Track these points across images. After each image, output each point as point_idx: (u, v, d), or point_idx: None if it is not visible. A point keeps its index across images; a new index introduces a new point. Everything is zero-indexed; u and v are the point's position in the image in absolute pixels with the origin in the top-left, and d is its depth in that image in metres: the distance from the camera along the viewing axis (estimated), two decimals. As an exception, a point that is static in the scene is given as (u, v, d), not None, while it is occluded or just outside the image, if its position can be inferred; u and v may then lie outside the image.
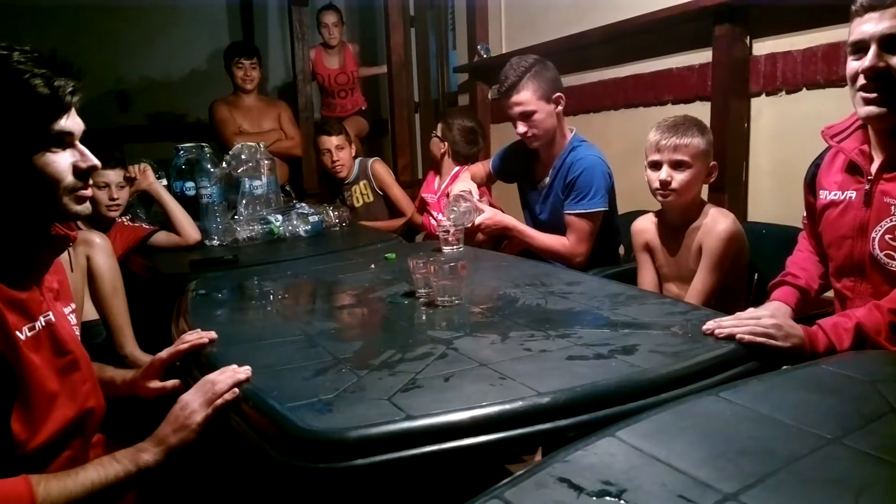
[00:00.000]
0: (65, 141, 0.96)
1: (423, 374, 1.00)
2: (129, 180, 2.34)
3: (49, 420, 0.96)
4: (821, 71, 2.05)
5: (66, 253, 1.16)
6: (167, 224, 2.38)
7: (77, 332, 1.15)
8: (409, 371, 1.02)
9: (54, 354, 1.01)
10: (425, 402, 0.90)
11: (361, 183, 3.22)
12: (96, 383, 1.11)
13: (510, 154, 2.39)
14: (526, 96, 2.05)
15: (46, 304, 1.03)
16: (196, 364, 1.16)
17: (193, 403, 0.99)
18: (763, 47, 2.25)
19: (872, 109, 1.17)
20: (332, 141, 3.10)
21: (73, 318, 1.17)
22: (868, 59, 1.14)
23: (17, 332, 0.93)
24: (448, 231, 1.96)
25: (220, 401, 0.98)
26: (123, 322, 1.97)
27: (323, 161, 3.18)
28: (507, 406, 0.88)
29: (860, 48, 1.16)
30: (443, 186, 2.81)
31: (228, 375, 1.01)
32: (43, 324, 1.00)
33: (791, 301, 1.42)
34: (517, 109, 2.07)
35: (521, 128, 2.09)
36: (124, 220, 2.34)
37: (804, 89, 2.13)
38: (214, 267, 2.05)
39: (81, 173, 0.98)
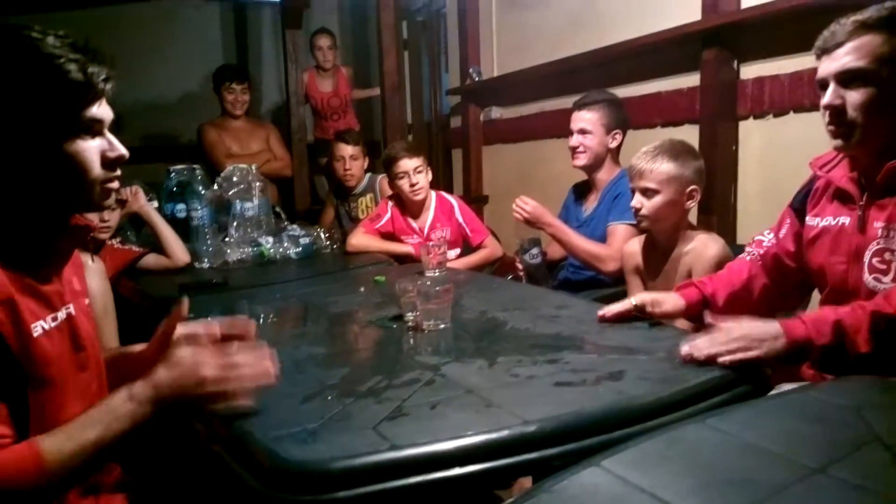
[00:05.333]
0: (95, 129, 0.95)
1: (410, 401, 1.00)
2: (121, 202, 2.33)
3: (58, 418, 0.93)
4: (808, 94, 2.07)
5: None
6: (157, 246, 2.38)
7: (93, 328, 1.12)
8: (396, 398, 1.01)
9: (72, 349, 0.99)
10: (411, 431, 0.89)
11: (368, 196, 3.27)
12: (104, 384, 1.08)
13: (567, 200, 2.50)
14: (592, 117, 2.24)
15: (69, 295, 1.01)
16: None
17: (208, 378, 0.90)
18: (750, 71, 2.28)
19: (836, 143, 1.25)
20: (347, 150, 3.16)
21: (89, 311, 1.14)
22: (826, 97, 1.23)
23: (34, 326, 0.91)
24: (430, 253, 1.97)
25: (231, 401, 0.90)
26: (113, 345, 1.96)
27: (335, 167, 3.23)
28: (493, 435, 0.87)
29: (823, 87, 1.24)
30: (429, 221, 2.70)
31: (256, 373, 0.93)
32: (64, 316, 0.98)
33: (692, 298, 1.42)
34: (579, 124, 2.25)
35: (574, 141, 2.26)
36: (114, 242, 2.33)
37: (791, 112, 2.16)
38: (203, 290, 2.04)
39: (109, 163, 0.97)
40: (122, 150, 0.99)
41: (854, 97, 1.19)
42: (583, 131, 2.24)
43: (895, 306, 1.07)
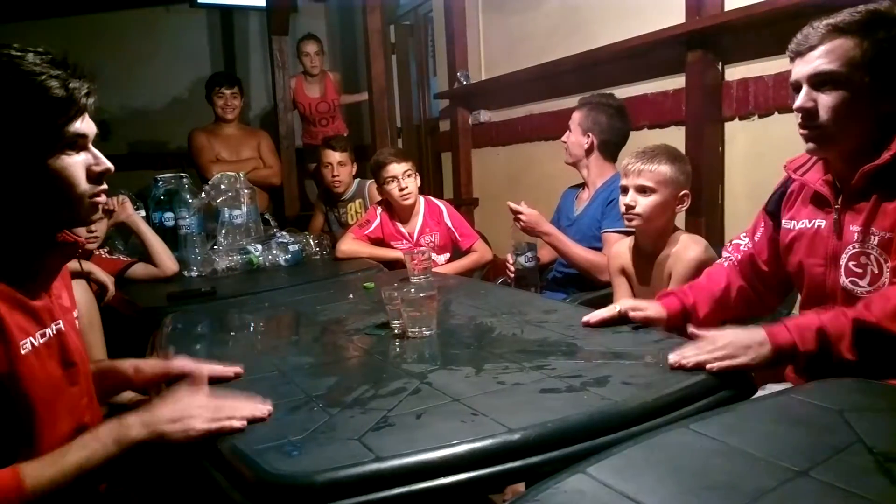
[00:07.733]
0: (79, 144, 0.96)
1: (396, 411, 1.00)
2: (108, 212, 2.33)
3: (48, 434, 0.94)
4: (791, 95, 2.07)
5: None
6: (145, 256, 2.37)
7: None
8: (382, 408, 1.01)
9: (61, 364, 0.99)
10: (396, 441, 0.89)
11: (357, 201, 3.28)
12: (93, 398, 1.09)
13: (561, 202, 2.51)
14: (575, 116, 2.31)
15: (58, 311, 1.02)
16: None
17: (203, 411, 0.95)
18: (735, 73, 2.29)
19: (809, 145, 1.26)
20: (335, 156, 3.18)
21: (77, 325, 1.15)
22: (799, 99, 1.23)
23: (23, 343, 0.91)
24: (414, 260, 1.97)
25: (227, 423, 0.94)
26: (100, 356, 1.95)
27: (323, 174, 3.24)
28: (478, 445, 0.87)
29: (796, 89, 1.25)
30: (418, 226, 2.70)
31: (250, 409, 0.98)
32: (54, 332, 0.99)
33: (673, 308, 1.42)
34: (569, 122, 2.34)
35: (565, 136, 2.35)
36: (102, 252, 2.32)
37: (776, 113, 2.17)
38: (192, 299, 2.03)
39: (95, 177, 0.98)
40: (108, 164, 1.00)
41: (826, 100, 1.19)
42: (569, 127, 2.31)
43: (876, 315, 1.07)
